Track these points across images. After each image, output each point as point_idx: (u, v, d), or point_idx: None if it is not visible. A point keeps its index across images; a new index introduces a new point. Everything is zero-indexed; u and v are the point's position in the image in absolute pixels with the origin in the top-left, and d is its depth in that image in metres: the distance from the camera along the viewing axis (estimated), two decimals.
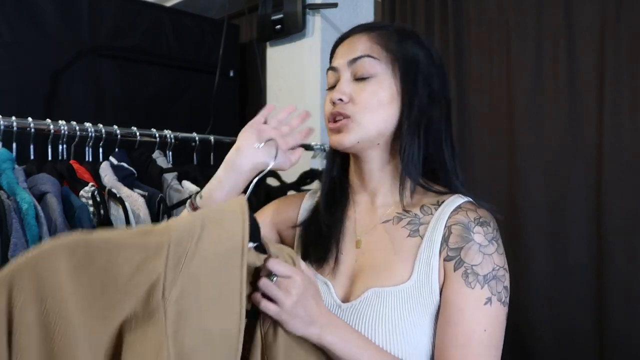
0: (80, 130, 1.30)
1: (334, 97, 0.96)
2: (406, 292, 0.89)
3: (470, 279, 0.87)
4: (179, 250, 0.70)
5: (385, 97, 0.95)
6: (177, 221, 0.74)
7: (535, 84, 1.60)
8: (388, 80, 0.96)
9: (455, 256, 0.89)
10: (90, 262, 0.67)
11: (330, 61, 1.04)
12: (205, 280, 0.70)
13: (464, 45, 1.77)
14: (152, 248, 0.69)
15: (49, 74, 1.81)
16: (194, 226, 0.71)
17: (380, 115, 0.95)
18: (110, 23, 1.95)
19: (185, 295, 0.69)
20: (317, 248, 1.00)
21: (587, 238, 1.50)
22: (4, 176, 1.14)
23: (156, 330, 0.66)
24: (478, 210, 0.93)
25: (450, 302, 0.87)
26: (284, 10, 1.96)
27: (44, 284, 0.65)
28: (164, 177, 1.42)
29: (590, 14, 1.51)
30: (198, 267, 0.70)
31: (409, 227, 0.95)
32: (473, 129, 1.74)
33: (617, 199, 1.45)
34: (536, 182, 1.59)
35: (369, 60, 0.96)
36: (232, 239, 0.73)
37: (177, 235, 0.70)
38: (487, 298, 0.86)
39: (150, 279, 0.68)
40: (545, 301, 1.55)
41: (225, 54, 2.11)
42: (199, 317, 0.69)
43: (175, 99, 2.15)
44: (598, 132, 1.48)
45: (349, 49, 0.98)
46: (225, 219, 0.74)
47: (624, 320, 1.42)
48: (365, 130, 0.95)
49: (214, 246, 0.72)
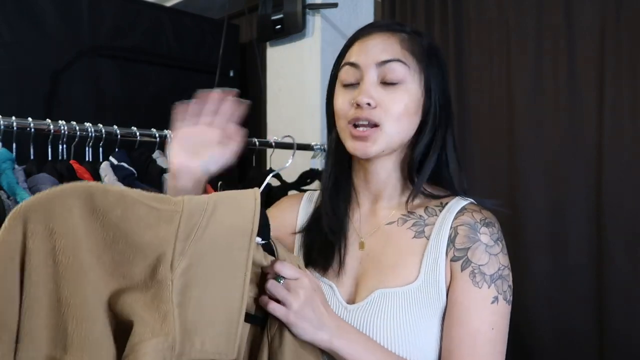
0: (80, 130, 1.29)
1: (361, 100, 0.91)
2: (413, 293, 0.89)
3: (477, 278, 0.88)
4: (190, 223, 0.69)
5: (413, 107, 0.93)
6: (191, 197, 0.73)
7: (535, 84, 1.60)
8: (415, 89, 0.93)
9: (462, 256, 0.90)
10: (105, 210, 0.67)
11: (345, 54, 0.98)
12: (211, 258, 0.70)
13: (464, 45, 1.77)
14: (166, 213, 0.69)
15: (49, 74, 1.81)
16: (207, 204, 0.71)
17: (406, 124, 0.93)
18: (110, 23, 1.95)
19: (191, 269, 0.68)
20: (321, 252, 0.98)
21: (587, 238, 1.50)
22: (4, 176, 1.14)
23: (162, 299, 0.66)
24: (482, 211, 0.95)
25: (458, 302, 0.88)
26: (284, 10, 1.96)
27: (59, 222, 0.65)
28: (164, 177, 1.42)
29: (590, 14, 1.51)
30: (206, 244, 0.70)
31: (415, 228, 0.95)
32: (473, 129, 1.74)
33: (617, 199, 1.45)
34: (536, 182, 1.59)
35: (399, 65, 0.92)
36: (242, 222, 0.72)
37: (190, 208, 0.70)
38: (494, 297, 0.88)
39: (160, 246, 0.68)
40: (545, 301, 1.55)
41: (225, 54, 2.12)
42: (202, 294, 0.69)
43: (176, 99, 2.13)
44: (598, 132, 1.48)
45: (377, 49, 0.93)
46: (238, 203, 0.74)
47: (624, 320, 1.42)
48: (392, 140, 0.93)
49: (223, 226, 0.71)
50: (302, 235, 1.03)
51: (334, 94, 0.99)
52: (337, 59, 1.00)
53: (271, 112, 2.11)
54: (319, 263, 0.97)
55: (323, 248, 0.98)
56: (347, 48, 0.98)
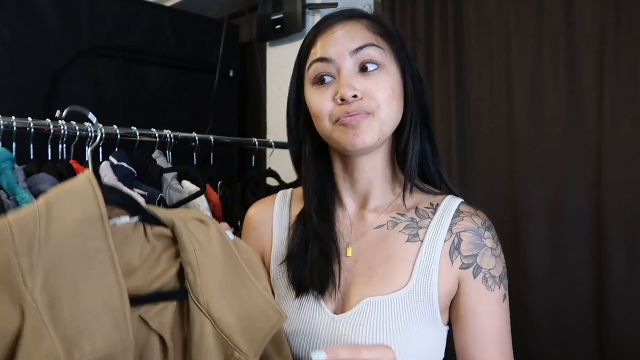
0: (80, 130, 1.30)
1: (346, 94, 0.84)
2: (403, 299, 0.86)
3: (489, 283, 0.90)
4: (27, 234, 0.64)
5: (398, 89, 0.89)
6: (16, 212, 0.67)
7: (535, 84, 1.60)
8: (394, 72, 0.89)
9: (472, 263, 0.89)
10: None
11: (309, 53, 0.91)
12: (69, 260, 0.65)
13: (464, 45, 1.77)
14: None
15: (49, 74, 1.81)
16: (36, 210, 0.66)
17: (396, 108, 0.88)
18: (110, 23, 1.95)
19: (51, 279, 0.64)
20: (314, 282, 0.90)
21: (587, 238, 1.50)
22: (4, 176, 1.14)
23: (33, 321, 0.62)
24: (478, 213, 0.94)
25: (477, 310, 0.89)
26: (284, 10, 1.96)
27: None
28: (164, 177, 1.42)
29: (590, 14, 1.51)
30: (56, 249, 0.65)
31: (407, 231, 0.92)
32: (473, 129, 1.74)
33: (617, 199, 1.45)
34: (536, 182, 1.59)
35: (374, 50, 0.87)
36: (86, 212, 0.67)
37: (17, 221, 0.64)
38: (504, 295, 0.91)
39: (2, 268, 0.62)
40: (544, 301, 1.55)
41: (225, 54, 2.11)
42: (75, 298, 0.65)
43: (175, 99, 2.15)
44: (598, 132, 1.48)
45: (346, 38, 0.87)
46: (73, 194, 0.68)
47: (624, 320, 1.42)
48: (385, 126, 0.87)
49: (68, 224, 0.66)
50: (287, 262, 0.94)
51: (301, 99, 0.93)
52: (300, 61, 0.94)
53: (271, 112, 2.11)
54: (315, 289, 0.90)
55: (317, 272, 0.90)
56: (311, 46, 0.91)
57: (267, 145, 1.67)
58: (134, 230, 0.75)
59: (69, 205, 0.67)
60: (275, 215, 1.01)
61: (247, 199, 1.56)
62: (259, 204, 1.06)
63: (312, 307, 0.89)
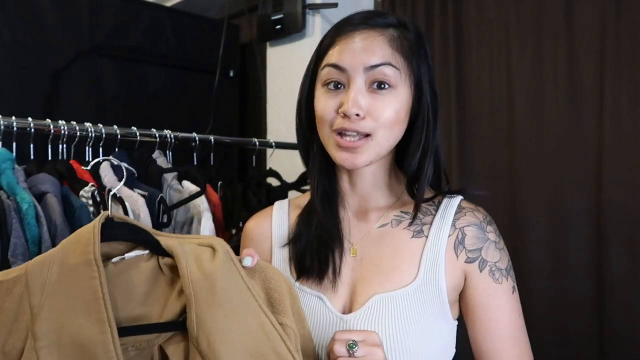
0: (80, 130, 1.29)
1: (349, 112, 0.83)
2: (412, 293, 0.88)
3: (496, 275, 0.91)
4: (38, 281, 0.72)
5: (403, 112, 0.88)
6: (35, 259, 0.76)
7: (536, 84, 1.60)
8: (404, 93, 0.88)
9: (477, 257, 0.90)
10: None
11: (326, 54, 0.89)
12: (70, 302, 0.71)
13: (464, 45, 1.77)
14: (9, 283, 0.74)
15: (49, 74, 1.81)
16: (51, 254, 0.74)
17: (396, 131, 0.88)
18: (110, 23, 1.95)
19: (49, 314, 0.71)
20: (314, 259, 0.92)
21: (587, 238, 1.50)
22: (4, 176, 1.14)
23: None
24: (479, 209, 0.95)
25: (485, 303, 0.90)
26: (284, 10, 1.96)
27: None
28: (164, 177, 1.42)
29: (590, 14, 1.51)
30: (60, 295, 0.71)
31: (412, 228, 0.93)
32: (473, 128, 1.74)
33: (617, 198, 1.45)
34: (536, 182, 1.59)
35: (390, 69, 0.85)
36: (84, 253, 0.73)
37: (33, 268, 0.73)
38: (512, 287, 0.92)
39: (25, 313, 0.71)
40: (544, 300, 1.56)
41: (225, 54, 2.12)
42: (72, 339, 0.70)
43: (175, 99, 2.15)
44: (598, 132, 1.48)
45: (364, 51, 0.85)
46: (79, 242, 0.75)
47: (624, 320, 1.43)
48: (381, 149, 0.88)
49: (68, 267, 0.73)
50: (290, 246, 0.96)
51: (313, 93, 0.92)
52: (316, 59, 0.92)
53: (271, 112, 2.11)
54: (314, 272, 0.91)
55: (316, 255, 0.92)
56: (328, 47, 0.90)
57: (267, 145, 1.67)
58: (148, 260, 0.78)
59: (74, 251, 0.74)
60: (274, 225, 1.01)
61: (249, 199, 1.56)
62: (256, 216, 1.06)
63: (318, 309, 0.90)
